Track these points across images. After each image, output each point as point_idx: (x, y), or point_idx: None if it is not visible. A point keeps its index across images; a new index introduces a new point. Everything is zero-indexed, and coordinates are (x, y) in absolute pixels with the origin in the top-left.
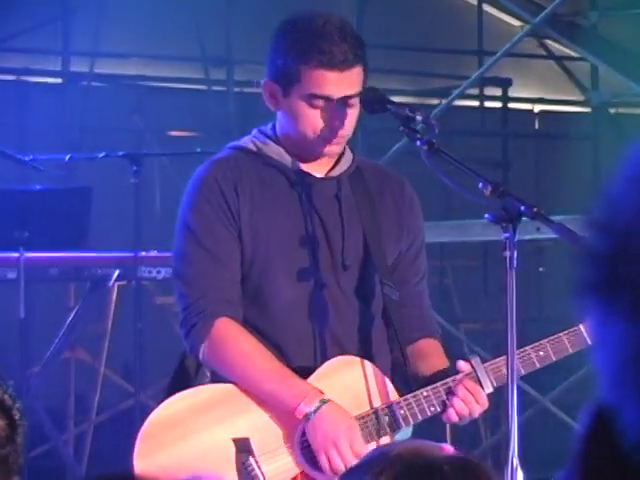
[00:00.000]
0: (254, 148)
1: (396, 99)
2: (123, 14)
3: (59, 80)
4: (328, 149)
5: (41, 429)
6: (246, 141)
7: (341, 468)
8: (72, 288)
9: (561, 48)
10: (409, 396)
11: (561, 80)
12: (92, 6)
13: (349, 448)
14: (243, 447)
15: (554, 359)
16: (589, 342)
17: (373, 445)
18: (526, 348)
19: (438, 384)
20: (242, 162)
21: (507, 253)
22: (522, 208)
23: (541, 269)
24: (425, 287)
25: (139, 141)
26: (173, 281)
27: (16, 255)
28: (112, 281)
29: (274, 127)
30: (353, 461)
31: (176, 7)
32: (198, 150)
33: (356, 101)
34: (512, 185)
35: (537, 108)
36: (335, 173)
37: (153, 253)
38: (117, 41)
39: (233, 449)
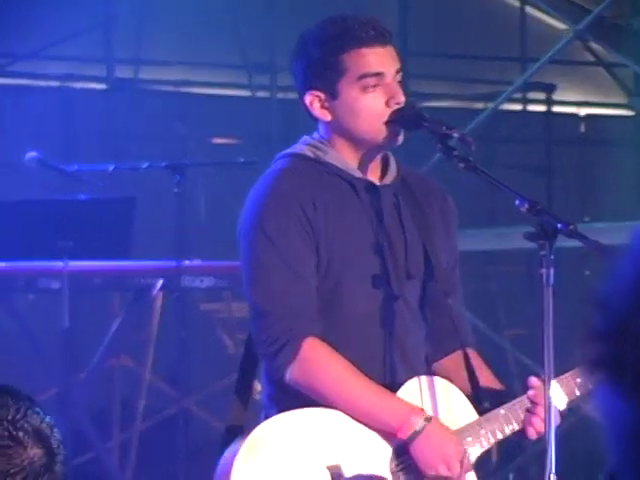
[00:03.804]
0: (312, 155)
1: (440, 103)
2: (165, 21)
3: (104, 86)
4: (394, 133)
5: (85, 437)
6: (301, 148)
7: None
8: (116, 297)
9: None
10: (488, 415)
11: (606, 83)
12: (134, 13)
13: (458, 465)
14: (337, 476)
15: None
16: None
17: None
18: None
19: (514, 402)
20: (306, 170)
21: (544, 271)
22: (559, 226)
23: (587, 272)
24: (461, 296)
25: (182, 148)
26: (248, 291)
27: (60, 265)
28: (156, 290)
29: (321, 136)
30: (463, 478)
31: (217, 14)
32: (242, 160)
33: (400, 78)
34: (555, 191)
35: (582, 112)
36: (388, 181)
37: (197, 262)
38: (159, 48)
39: (328, 478)
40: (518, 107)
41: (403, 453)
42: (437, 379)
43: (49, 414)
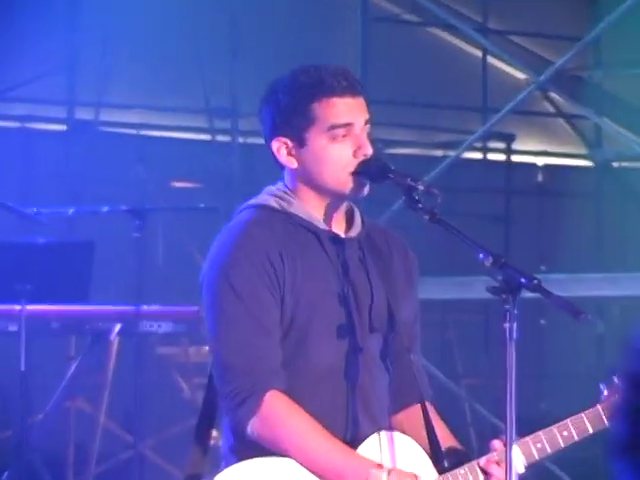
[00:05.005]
0: (277, 206)
1: (402, 151)
2: (128, 64)
3: (64, 127)
4: (359, 184)
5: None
6: (266, 199)
7: None
8: (73, 340)
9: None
10: (448, 475)
11: (566, 134)
12: (97, 56)
13: None
14: None
15: (577, 439)
16: (606, 425)
17: None
18: (552, 428)
19: (474, 462)
20: (272, 222)
21: (507, 325)
22: (522, 280)
23: (542, 322)
24: (419, 348)
25: (142, 192)
26: (212, 343)
27: (18, 308)
28: (113, 335)
29: (285, 185)
30: None
31: (180, 58)
32: (202, 205)
33: (368, 129)
34: (513, 240)
35: (541, 161)
36: (354, 233)
37: (155, 307)
38: (121, 92)
39: None
40: (479, 156)
41: None
42: (398, 435)
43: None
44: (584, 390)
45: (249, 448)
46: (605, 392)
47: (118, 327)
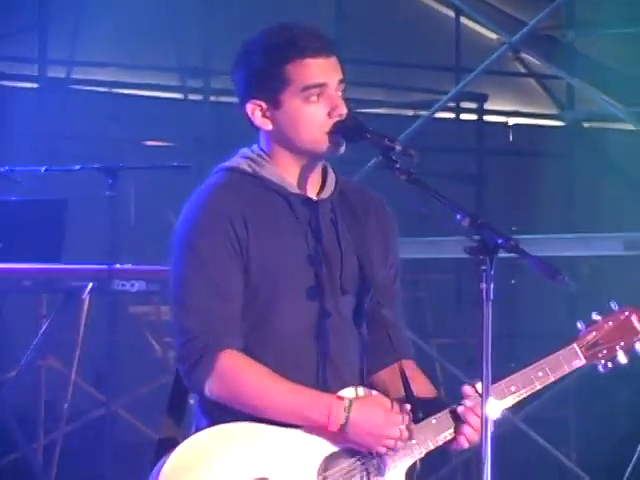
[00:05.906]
0: (249, 170)
1: (373, 110)
2: (100, 22)
3: (35, 85)
4: (335, 143)
5: (11, 437)
6: (238, 162)
7: (398, 448)
8: (45, 298)
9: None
10: (419, 425)
11: (537, 94)
12: (69, 14)
13: (397, 430)
14: None
15: (553, 379)
16: (583, 362)
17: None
18: (526, 369)
19: (446, 411)
20: (241, 186)
21: (484, 286)
22: (500, 241)
23: (513, 281)
24: (401, 307)
25: (115, 150)
26: (172, 307)
27: None
28: (86, 293)
29: (261, 148)
30: (405, 436)
31: (153, 16)
32: (174, 164)
33: (343, 88)
34: (485, 200)
35: (512, 121)
36: (326, 195)
37: (127, 266)
38: (94, 50)
39: None
40: (451, 116)
41: (332, 461)
42: (364, 390)
43: None
44: (555, 349)
45: (217, 408)
46: (582, 329)
47: (90, 286)
